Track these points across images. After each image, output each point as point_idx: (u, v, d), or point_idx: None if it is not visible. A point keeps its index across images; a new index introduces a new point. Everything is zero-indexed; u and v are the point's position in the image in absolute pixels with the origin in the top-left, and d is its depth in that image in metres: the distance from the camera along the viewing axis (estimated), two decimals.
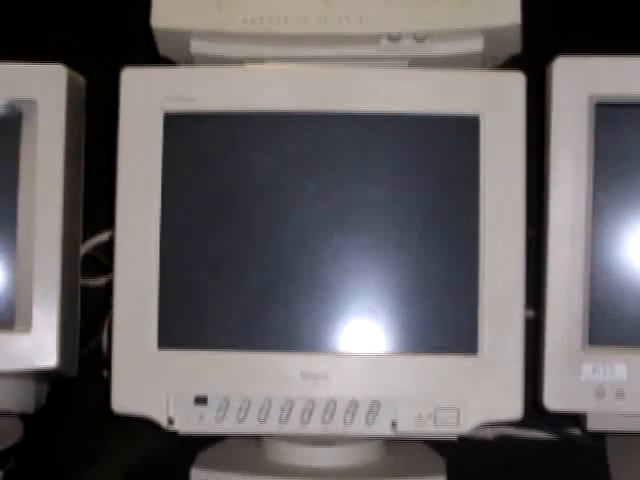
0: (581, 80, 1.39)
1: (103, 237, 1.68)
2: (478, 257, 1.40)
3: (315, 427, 1.40)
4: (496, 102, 1.41)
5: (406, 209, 1.42)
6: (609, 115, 1.40)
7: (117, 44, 1.70)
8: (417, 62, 1.50)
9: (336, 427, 1.39)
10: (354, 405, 1.39)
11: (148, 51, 1.55)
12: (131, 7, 1.56)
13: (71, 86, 1.46)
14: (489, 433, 1.56)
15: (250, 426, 1.40)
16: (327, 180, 1.43)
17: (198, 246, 1.43)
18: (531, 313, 1.45)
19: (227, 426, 1.40)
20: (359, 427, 1.39)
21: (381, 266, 1.42)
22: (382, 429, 1.40)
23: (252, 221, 1.42)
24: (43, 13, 1.85)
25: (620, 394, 1.37)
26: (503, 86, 1.42)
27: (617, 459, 1.48)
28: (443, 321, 1.41)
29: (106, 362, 1.49)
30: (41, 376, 1.52)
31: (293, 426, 1.40)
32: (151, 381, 1.41)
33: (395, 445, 1.49)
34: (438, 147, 1.42)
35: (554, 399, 1.38)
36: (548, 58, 1.41)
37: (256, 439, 1.49)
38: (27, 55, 1.47)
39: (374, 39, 1.49)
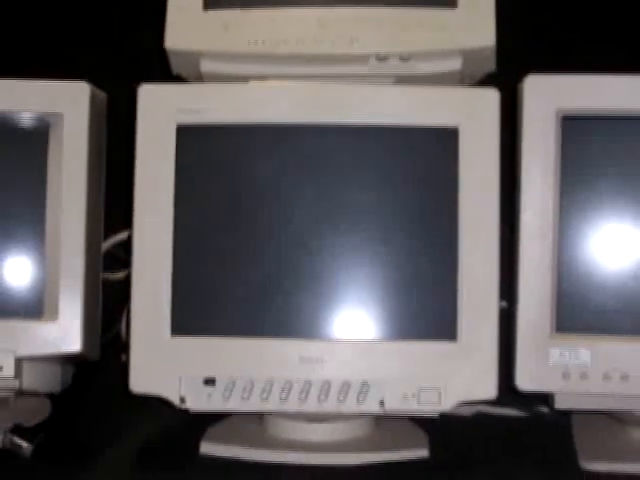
0: (549, 96, 1.39)
1: (122, 236, 1.68)
2: (457, 254, 1.39)
3: (312, 405, 1.39)
4: (473, 115, 1.40)
5: (393, 211, 1.42)
6: (574, 127, 1.39)
7: (135, 63, 1.70)
8: (402, 79, 1.50)
9: (330, 405, 1.39)
10: (346, 386, 1.39)
11: (162, 69, 1.55)
12: (147, 30, 1.56)
13: (94, 100, 1.46)
14: (467, 411, 1.54)
15: (253, 404, 1.40)
16: (322, 185, 1.42)
17: (207, 244, 1.43)
18: (504, 304, 1.44)
19: (233, 404, 1.40)
20: (351, 405, 1.39)
21: (370, 262, 1.42)
22: (371, 407, 1.39)
23: (255, 221, 1.42)
24: (69, 36, 1.84)
25: (584, 376, 1.37)
26: (479, 101, 1.41)
27: (581, 434, 1.48)
28: (426, 311, 1.41)
29: (125, 347, 1.49)
30: (67, 360, 1.52)
31: (292, 404, 1.40)
32: (165, 364, 1.41)
33: (383, 421, 1.49)
34: (421, 155, 1.42)
35: (525, 380, 1.38)
36: (520, 76, 1.40)
37: (259, 416, 1.49)
38: (54, 73, 1.47)
39: (364, 59, 1.49)
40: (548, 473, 1.40)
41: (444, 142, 1.41)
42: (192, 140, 1.43)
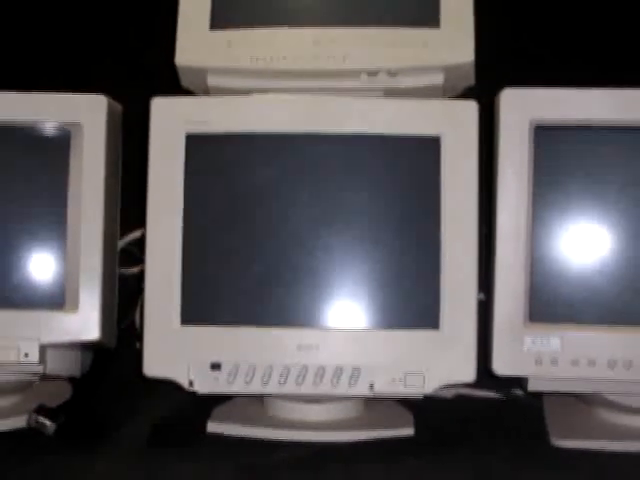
0: (523, 107, 1.38)
1: (136, 234, 1.67)
2: (440, 251, 1.39)
3: (308, 388, 1.39)
4: (454, 125, 1.40)
5: (382, 212, 1.42)
6: (546, 136, 1.39)
7: (148, 78, 1.68)
8: (390, 93, 1.49)
9: (325, 388, 1.39)
10: (339, 370, 1.39)
11: (173, 83, 1.54)
12: (159, 48, 1.55)
13: (110, 112, 1.46)
14: (448, 393, 1.55)
15: (255, 387, 1.40)
16: (318, 188, 1.42)
17: (213, 242, 1.42)
18: (482, 296, 1.44)
19: (237, 387, 1.40)
20: (343, 388, 1.39)
21: (361, 258, 1.41)
22: (362, 390, 1.39)
23: (257, 221, 1.42)
24: (88, 53, 1.83)
25: (554, 362, 1.37)
26: (460, 112, 1.41)
27: (551, 414, 1.48)
28: (411, 302, 1.40)
29: (138, 336, 1.49)
30: (86, 347, 1.52)
31: (290, 387, 1.39)
32: (175, 351, 1.41)
33: (372, 403, 1.49)
34: (407, 161, 1.42)
35: (501, 365, 1.38)
36: (496, 89, 1.40)
37: (260, 398, 1.48)
38: (75, 86, 1.47)
39: (355, 74, 1.49)
40: (522, 449, 1.39)
41: (428, 149, 1.40)
42: (200, 148, 1.43)
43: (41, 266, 1.45)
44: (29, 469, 1.34)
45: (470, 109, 1.41)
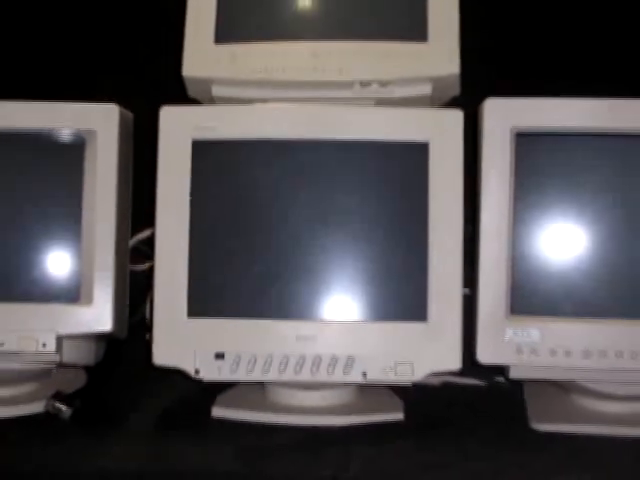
0: (505, 116, 1.38)
1: (146, 233, 1.66)
2: (427, 249, 1.39)
3: (305, 376, 1.39)
4: (441, 132, 1.40)
5: (374, 213, 1.42)
6: (526, 142, 1.39)
7: (157, 88, 1.67)
8: (382, 102, 1.49)
9: (321, 376, 1.39)
10: (335, 360, 1.39)
11: (180, 93, 1.54)
12: (168, 60, 1.54)
13: (122, 119, 1.46)
14: (435, 380, 1.54)
15: (256, 375, 1.40)
16: (315, 190, 1.42)
17: (217, 241, 1.42)
18: (467, 291, 1.43)
19: (239, 375, 1.40)
20: (338, 376, 1.39)
21: (355, 256, 1.42)
22: (355, 378, 1.39)
23: (258, 221, 1.42)
24: (102, 66, 1.83)
25: (534, 352, 1.37)
26: (446, 120, 1.41)
27: (531, 400, 1.48)
28: (401, 297, 1.41)
29: (148, 327, 1.49)
30: (99, 338, 1.52)
31: (289, 375, 1.40)
32: (182, 341, 1.41)
33: (365, 390, 1.49)
34: (398, 165, 1.42)
35: (485, 355, 1.38)
36: (480, 99, 1.40)
37: (261, 385, 1.48)
38: (90, 96, 1.46)
39: (349, 85, 1.49)
40: (503, 432, 1.40)
41: (416, 155, 1.40)
42: (205, 153, 1.43)
43: (58, 263, 1.45)
44: (47, 451, 1.34)
45: (456, 117, 1.41)
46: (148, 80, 1.80)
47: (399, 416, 1.44)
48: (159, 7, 1.82)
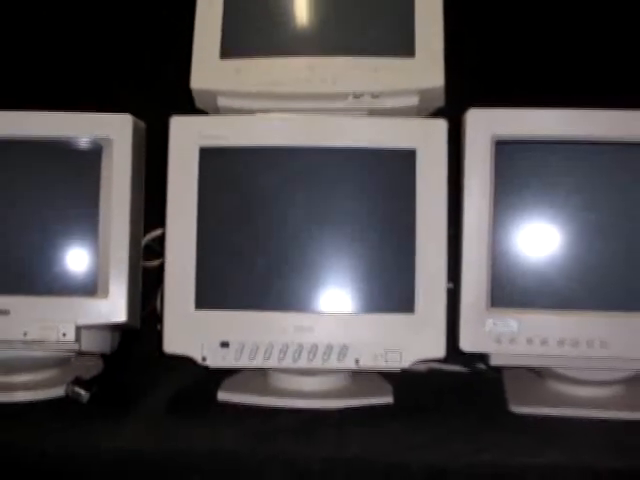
0: (486, 125, 1.38)
1: (157, 232, 1.66)
2: (415, 247, 1.40)
3: (303, 363, 1.40)
4: (427, 140, 1.40)
5: (366, 214, 1.42)
6: (505, 150, 1.39)
7: (167, 99, 1.63)
8: (374, 112, 1.49)
9: (317, 363, 1.40)
10: (330, 348, 1.40)
11: (189, 104, 1.53)
12: (177, 74, 1.52)
13: (135, 128, 1.46)
14: (422, 367, 1.55)
15: (258, 362, 1.40)
16: (312, 194, 1.43)
17: (222, 240, 1.43)
18: (451, 285, 1.43)
19: (242, 362, 1.40)
20: (333, 363, 1.40)
21: (349, 254, 1.42)
22: (349, 364, 1.40)
23: (260, 221, 1.42)
24: (117, 78, 1.82)
25: (512, 341, 1.38)
26: (432, 129, 1.41)
27: (510, 385, 1.48)
28: (391, 291, 1.41)
29: (159, 318, 1.50)
30: (115, 328, 1.52)
31: (288, 362, 1.40)
32: (190, 331, 1.41)
33: (357, 375, 1.49)
34: (387, 170, 1.42)
35: (467, 343, 1.39)
36: (463, 109, 1.41)
37: (263, 371, 1.48)
38: (106, 107, 1.47)
39: (343, 96, 1.49)
40: (484, 414, 1.40)
41: (405, 161, 1.40)
42: (211, 159, 1.43)
43: (77, 260, 1.46)
44: (67, 431, 1.35)
45: (441, 126, 1.41)
46: (159, 92, 1.79)
47: (389, 400, 1.45)
48: (169, 26, 1.81)
